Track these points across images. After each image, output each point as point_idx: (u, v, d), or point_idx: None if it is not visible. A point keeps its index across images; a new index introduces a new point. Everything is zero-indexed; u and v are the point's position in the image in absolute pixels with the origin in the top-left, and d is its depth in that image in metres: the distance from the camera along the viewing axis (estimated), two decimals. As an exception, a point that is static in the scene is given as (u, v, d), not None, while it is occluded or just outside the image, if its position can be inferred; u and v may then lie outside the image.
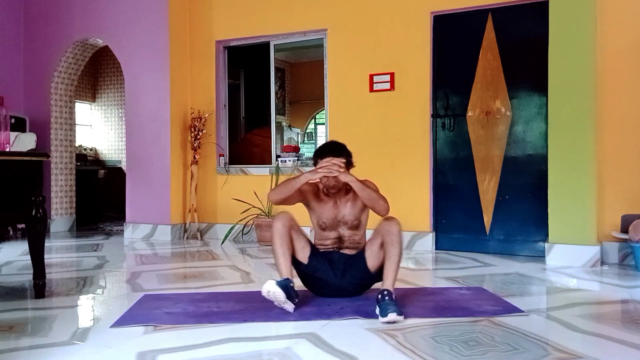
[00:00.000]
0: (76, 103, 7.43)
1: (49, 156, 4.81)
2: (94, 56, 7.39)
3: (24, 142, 5.42)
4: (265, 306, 2.73)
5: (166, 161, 5.62)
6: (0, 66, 6.10)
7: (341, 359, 2.06)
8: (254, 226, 5.35)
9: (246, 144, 6.54)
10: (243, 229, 5.44)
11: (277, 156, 5.68)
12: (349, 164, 2.94)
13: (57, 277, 3.68)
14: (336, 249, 2.97)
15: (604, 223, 4.14)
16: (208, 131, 5.75)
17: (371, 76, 5.00)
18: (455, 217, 4.74)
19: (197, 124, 5.65)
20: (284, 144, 7.11)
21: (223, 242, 5.34)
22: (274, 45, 5.64)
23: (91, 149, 8.62)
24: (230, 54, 5.94)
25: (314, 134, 9.41)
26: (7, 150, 3.17)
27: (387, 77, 4.93)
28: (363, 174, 4.99)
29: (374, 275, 2.87)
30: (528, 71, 4.46)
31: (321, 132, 9.10)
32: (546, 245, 4.12)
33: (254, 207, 5.32)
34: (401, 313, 2.52)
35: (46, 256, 3.15)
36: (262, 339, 2.32)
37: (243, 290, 3.26)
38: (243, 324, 2.51)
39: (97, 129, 8.75)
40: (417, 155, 4.82)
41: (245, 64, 7.30)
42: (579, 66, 4.00)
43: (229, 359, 2.07)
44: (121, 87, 8.41)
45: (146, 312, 2.72)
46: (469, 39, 4.69)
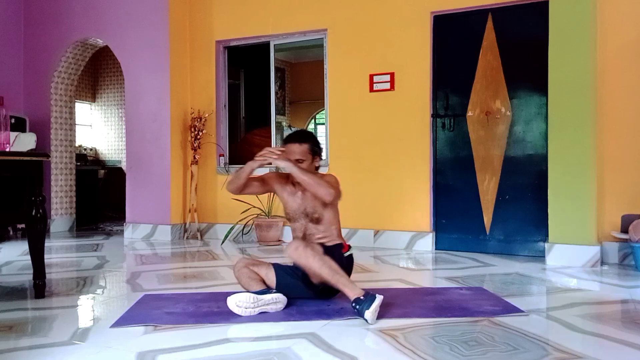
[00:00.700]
0: (76, 103, 7.43)
1: (49, 156, 4.82)
2: (94, 56, 7.39)
3: (24, 142, 5.43)
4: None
5: (166, 161, 5.62)
6: (0, 66, 6.10)
7: (341, 359, 2.06)
8: (254, 226, 5.35)
9: (246, 144, 6.54)
10: (243, 229, 5.45)
11: (277, 156, 5.67)
12: (314, 153, 2.88)
13: (57, 277, 3.68)
14: None
15: (603, 223, 4.14)
16: (208, 131, 5.75)
17: (371, 76, 5.00)
18: (455, 217, 4.74)
19: (197, 124, 5.65)
20: (284, 144, 7.10)
21: (223, 242, 5.34)
22: (274, 45, 5.64)
23: (91, 149, 8.62)
24: (230, 54, 5.94)
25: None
26: (7, 150, 3.18)
27: (387, 77, 4.93)
28: (363, 173, 5.04)
29: (326, 286, 2.76)
30: (528, 71, 4.46)
31: (321, 132, 9.09)
32: (546, 245, 4.12)
33: (254, 207, 5.31)
34: (370, 306, 2.46)
35: (46, 256, 3.15)
36: (262, 339, 2.32)
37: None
38: (243, 324, 2.52)
39: (97, 129, 8.75)
40: (417, 155, 4.82)
41: (245, 64, 7.31)
42: (579, 66, 4.00)
43: (229, 359, 2.07)
44: (121, 87, 8.41)
45: (146, 312, 2.72)
46: (469, 39, 4.69)
